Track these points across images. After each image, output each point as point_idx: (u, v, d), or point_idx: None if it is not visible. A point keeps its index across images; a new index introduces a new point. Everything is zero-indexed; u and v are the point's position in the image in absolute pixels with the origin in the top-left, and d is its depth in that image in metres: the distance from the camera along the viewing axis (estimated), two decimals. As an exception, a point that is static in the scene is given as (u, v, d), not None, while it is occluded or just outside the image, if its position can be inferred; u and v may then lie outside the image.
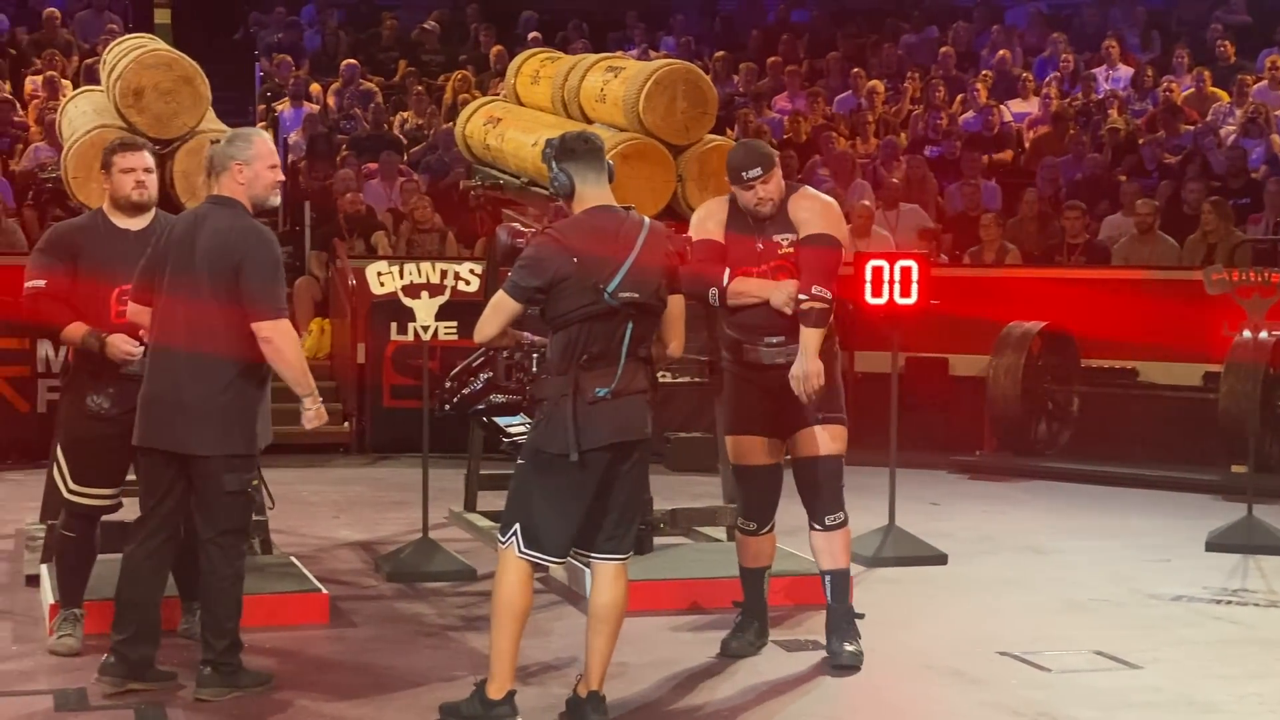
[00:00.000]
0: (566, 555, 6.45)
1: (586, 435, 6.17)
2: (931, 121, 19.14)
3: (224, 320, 6.63)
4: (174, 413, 6.62)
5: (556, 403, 6.21)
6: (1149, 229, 15.06)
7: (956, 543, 10.21)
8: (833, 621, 7.45)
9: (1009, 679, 7.23)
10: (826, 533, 7.42)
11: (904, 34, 22.30)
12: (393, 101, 19.97)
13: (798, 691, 7.03)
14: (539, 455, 6.29)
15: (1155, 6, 22.47)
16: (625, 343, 6.22)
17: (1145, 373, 14.04)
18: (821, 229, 7.21)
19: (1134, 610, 8.68)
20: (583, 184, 6.33)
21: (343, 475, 13.35)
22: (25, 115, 17.89)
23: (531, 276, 6.21)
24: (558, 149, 6.36)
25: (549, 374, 6.31)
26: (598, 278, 6.16)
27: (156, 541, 6.77)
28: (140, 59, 8.69)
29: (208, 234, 6.69)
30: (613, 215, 6.33)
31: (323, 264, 15.91)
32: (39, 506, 9.15)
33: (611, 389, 6.19)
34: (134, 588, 6.76)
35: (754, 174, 7.21)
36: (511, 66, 11.00)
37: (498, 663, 6.31)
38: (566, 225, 6.33)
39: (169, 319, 6.65)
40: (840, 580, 7.46)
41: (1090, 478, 13.11)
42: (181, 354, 6.62)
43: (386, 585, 9.03)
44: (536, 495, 6.29)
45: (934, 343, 14.03)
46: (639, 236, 6.26)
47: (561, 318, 6.21)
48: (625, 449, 6.29)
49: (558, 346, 6.26)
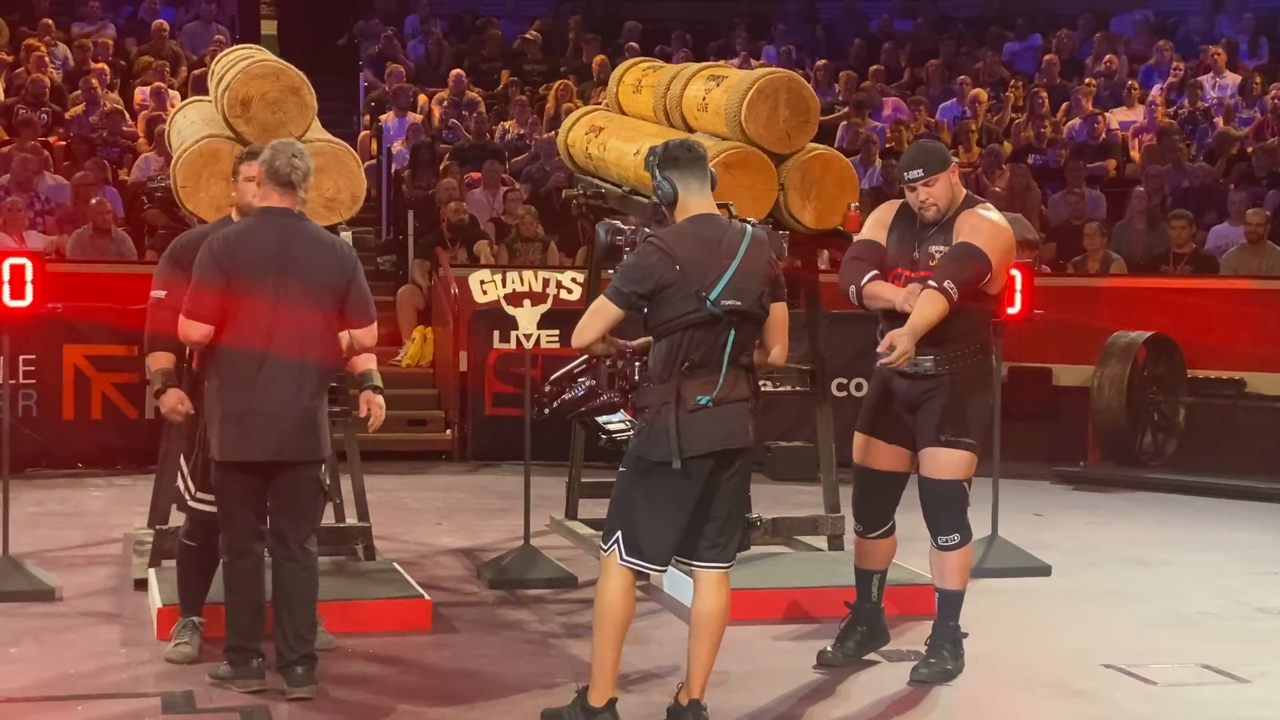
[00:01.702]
0: (668, 563, 6.45)
1: (688, 443, 6.17)
2: (1035, 130, 19.01)
3: (327, 328, 6.89)
4: (289, 423, 6.78)
5: (658, 410, 6.23)
6: (1259, 239, 14.89)
7: (1060, 554, 10.12)
8: (935, 638, 7.41)
9: (1114, 692, 7.17)
10: (938, 552, 7.40)
11: (1007, 41, 22.16)
12: (495, 111, 20.08)
13: (900, 703, 6.99)
14: (641, 463, 6.30)
15: (1264, 12, 22.18)
16: (727, 350, 6.23)
17: (1253, 383, 13.87)
18: (973, 241, 7.08)
19: (1242, 624, 8.58)
20: (686, 192, 6.35)
21: (445, 482, 13.42)
22: (135, 125, 18.15)
23: (635, 283, 6.23)
24: (661, 157, 6.38)
25: (651, 381, 6.31)
26: (700, 285, 6.17)
27: (259, 544, 6.95)
28: (248, 69, 8.79)
29: (311, 246, 6.86)
30: (716, 223, 6.35)
31: (426, 273, 16.00)
32: (147, 511, 9.26)
33: (713, 397, 6.20)
34: (249, 588, 6.93)
35: (914, 175, 7.15)
36: (613, 75, 11.04)
37: (599, 670, 6.33)
38: (671, 233, 6.34)
39: (277, 331, 6.75)
40: (945, 600, 7.40)
41: (1196, 489, 12.96)
42: (294, 364, 6.78)
43: (488, 592, 9.07)
44: (638, 502, 6.31)
45: (1038, 352, 13.94)
46: (741, 244, 6.27)
47: (664, 325, 6.23)
48: (727, 457, 6.30)
49: (660, 354, 6.27)
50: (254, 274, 6.76)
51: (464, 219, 16.24)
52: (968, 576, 7.47)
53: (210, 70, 10.21)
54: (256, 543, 6.95)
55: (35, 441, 12.96)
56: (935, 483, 7.28)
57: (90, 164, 16.36)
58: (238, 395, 6.77)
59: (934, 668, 7.29)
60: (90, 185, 15.72)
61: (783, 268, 6.59)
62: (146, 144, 17.30)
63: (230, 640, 6.93)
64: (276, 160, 6.85)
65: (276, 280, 6.76)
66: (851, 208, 9.13)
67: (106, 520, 10.97)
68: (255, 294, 6.76)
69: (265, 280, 6.77)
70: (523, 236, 15.93)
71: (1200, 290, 14.63)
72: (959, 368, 7.20)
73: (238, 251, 6.79)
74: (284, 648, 6.87)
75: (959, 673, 7.31)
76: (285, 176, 6.84)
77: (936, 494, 7.29)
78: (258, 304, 6.76)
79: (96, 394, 13.50)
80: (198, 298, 6.79)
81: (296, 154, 6.91)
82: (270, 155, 6.89)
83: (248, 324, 6.76)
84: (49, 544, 10.07)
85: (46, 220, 15.57)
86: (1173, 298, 14.51)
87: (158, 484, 9.03)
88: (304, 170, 6.89)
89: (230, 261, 6.78)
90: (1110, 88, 20.18)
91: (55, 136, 17.50)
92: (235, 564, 6.92)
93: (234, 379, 6.77)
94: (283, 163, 6.84)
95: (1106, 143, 18.82)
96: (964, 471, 7.29)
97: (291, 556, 6.89)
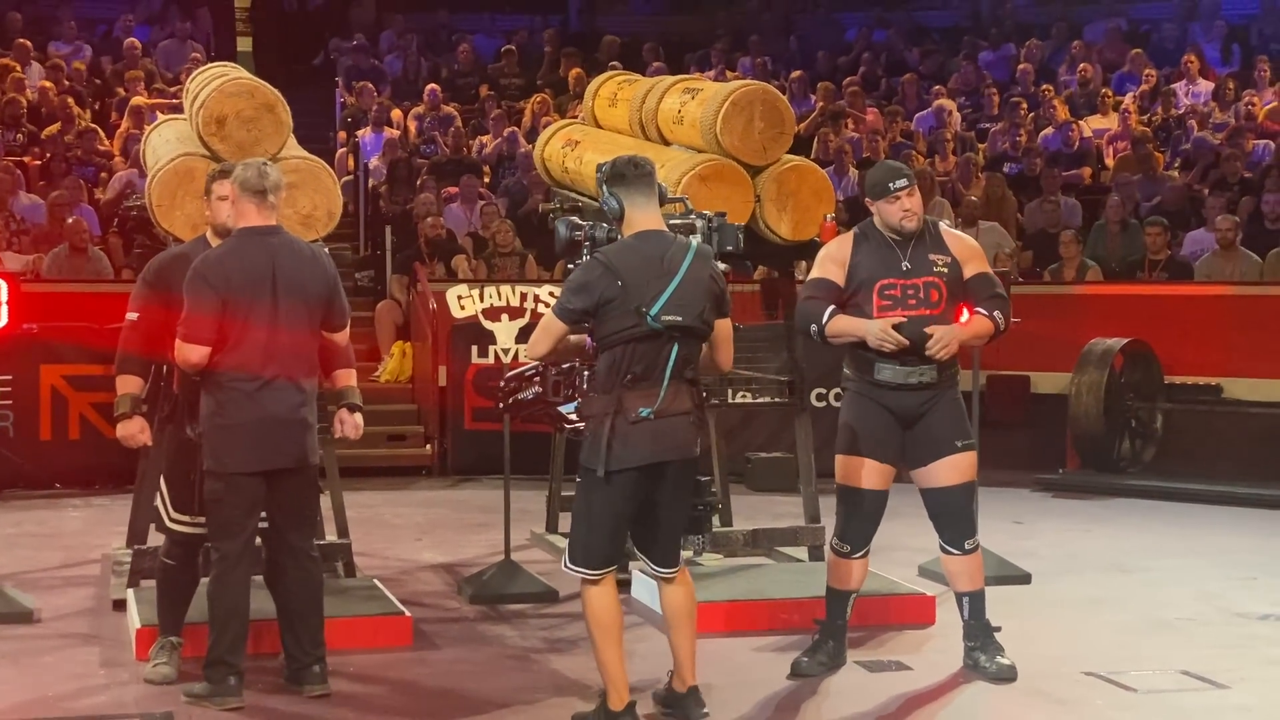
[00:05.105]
0: (605, 570, 6.50)
1: (622, 454, 6.32)
2: (1011, 139, 19.07)
3: (315, 340, 7.06)
4: (293, 430, 6.92)
5: (600, 420, 6.36)
6: (1231, 244, 14.95)
7: (1040, 561, 10.15)
8: (981, 639, 7.54)
9: (1094, 699, 7.18)
10: (965, 556, 7.50)
11: (981, 51, 22.23)
12: (471, 125, 20.09)
13: (883, 714, 6.99)
14: (583, 471, 6.46)
15: (1235, 20, 22.29)
16: (670, 364, 6.38)
17: (1229, 389, 13.91)
18: (985, 268, 7.41)
19: (1221, 629, 8.59)
20: (632, 207, 6.48)
21: (425, 498, 13.41)
22: (110, 144, 18.12)
23: (578, 297, 6.37)
24: (609, 173, 6.53)
25: (595, 392, 6.44)
26: (641, 301, 6.30)
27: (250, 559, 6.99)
28: (222, 87, 8.79)
29: (296, 261, 6.96)
30: (661, 239, 6.48)
31: (404, 288, 16.00)
32: (125, 531, 9.25)
33: (655, 409, 6.34)
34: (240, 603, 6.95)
35: (901, 184, 7.29)
36: (589, 89, 11.07)
37: (608, 676, 6.48)
38: (615, 249, 6.49)
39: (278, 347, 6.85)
40: (979, 600, 7.58)
41: (1174, 495, 12.99)
42: (294, 378, 6.91)
43: (469, 607, 9.06)
44: (581, 511, 6.51)
45: (1016, 360, 13.98)
46: (684, 260, 6.40)
47: (607, 338, 6.36)
48: (666, 469, 6.43)
49: (603, 366, 6.41)
50: (248, 294, 6.82)
51: (441, 234, 16.24)
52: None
53: (185, 88, 10.20)
54: (250, 556, 6.97)
55: (12, 462, 12.95)
56: (955, 488, 7.42)
57: (66, 183, 16.33)
58: (241, 409, 6.82)
59: (1009, 659, 7.48)
60: (66, 205, 15.70)
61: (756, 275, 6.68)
62: (122, 162, 17.28)
63: (213, 655, 6.91)
64: (247, 173, 6.95)
65: (272, 299, 6.84)
66: (828, 219, 9.17)
67: (85, 541, 10.94)
68: (252, 314, 6.82)
69: (261, 300, 6.83)
70: (500, 251, 15.93)
71: (1175, 297, 14.69)
72: (948, 375, 7.38)
73: (232, 273, 6.84)
74: (299, 652, 7.05)
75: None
76: (258, 185, 6.91)
77: (957, 499, 7.45)
78: (255, 324, 6.82)
79: (74, 414, 13.47)
80: (193, 321, 6.81)
81: (265, 164, 7.06)
82: (241, 170, 7.00)
83: (247, 343, 6.81)
84: (27, 565, 10.04)
85: (22, 240, 15.54)
86: (1148, 304, 14.57)
87: (136, 504, 9.02)
88: (275, 180, 6.98)
89: (224, 283, 6.81)
90: (1085, 95, 20.25)
91: (30, 156, 17.47)
92: (229, 576, 6.90)
93: (235, 396, 6.82)
94: (253, 174, 6.94)
95: (1081, 150, 18.89)
96: (975, 472, 7.53)
97: (300, 564, 7.05)
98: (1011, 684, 7.34)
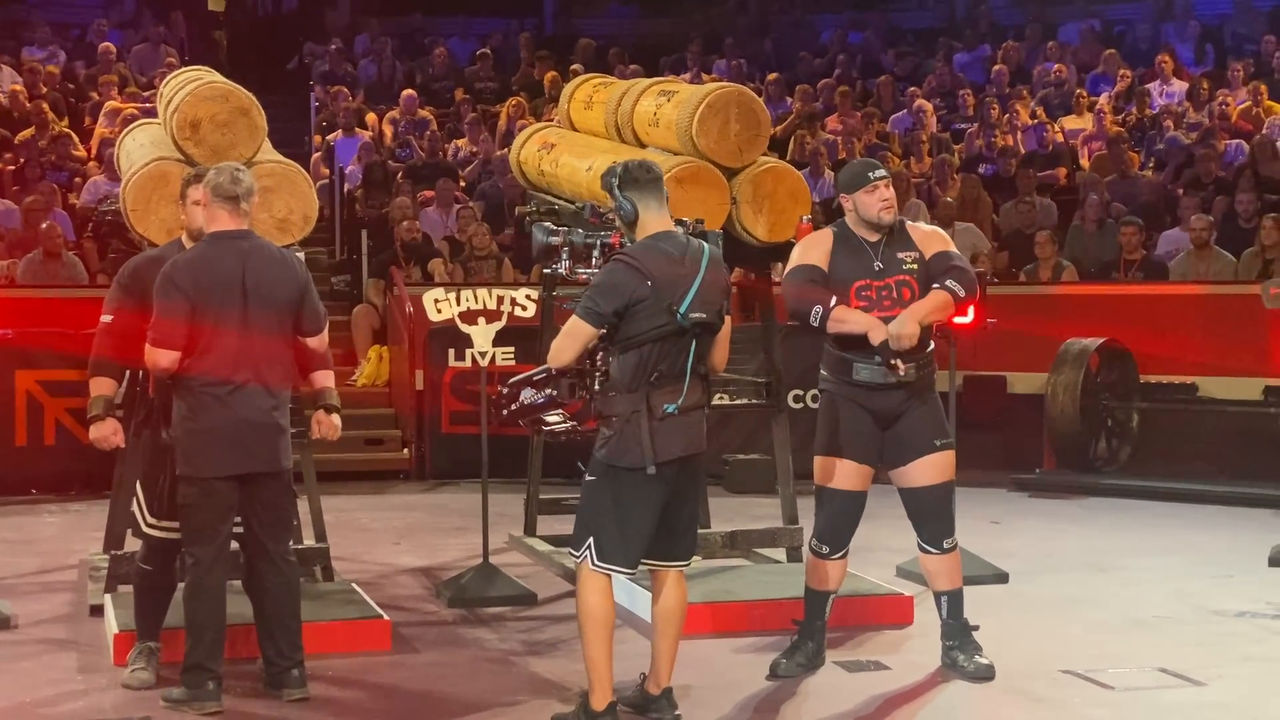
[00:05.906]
0: (636, 566, 6.61)
1: (660, 449, 6.39)
2: (986, 139, 19.11)
3: (287, 344, 7.04)
4: (266, 435, 6.91)
5: (629, 419, 6.40)
6: (1205, 244, 15.00)
7: (1018, 561, 10.16)
8: (960, 639, 7.56)
9: (1073, 698, 7.19)
10: (944, 555, 7.53)
11: (957, 53, 22.27)
12: (447, 129, 20.07)
13: (862, 714, 7.00)
14: (610, 470, 6.46)
15: (1209, 20, 22.37)
16: (690, 361, 6.45)
17: (1204, 388, 13.95)
18: (951, 250, 7.46)
19: (1198, 627, 8.62)
20: (645, 210, 6.54)
21: (403, 501, 13.39)
22: (84, 149, 18.07)
23: (609, 301, 6.38)
24: (622, 177, 6.56)
25: (617, 391, 6.45)
26: (670, 299, 6.36)
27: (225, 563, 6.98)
28: (197, 91, 8.78)
29: (266, 265, 6.95)
30: (676, 239, 6.56)
31: (380, 292, 15.98)
32: (102, 537, 9.22)
33: (679, 405, 6.42)
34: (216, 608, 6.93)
35: (880, 174, 7.37)
36: (565, 92, 11.06)
37: (594, 674, 6.50)
38: (639, 249, 6.50)
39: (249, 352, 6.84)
40: (958, 599, 7.60)
41: (1151, 494, 13.03)
42: (265, 383, 6.89)
43: (448, 611, 9.05)
44: (609, 509, 6.48)
45: (992, 361, 14.02)
46: (702, 259, 6.50)
47: (634, 338, 6.39)
48: (690, 461, 6.54)
49: (628, 366, 6.43)
50: (217, 299, 6.81)
51: (417, 237, 16.22)
52: None
53: (159, 93, 10.18)
54: (225, 561, 6.96)
55: (-12, 469, 12.90)
56: (935, 487, 7.45)
57: (40, 188, 16.28)
58: (212, 414, 6.81)
59: (987, 659, 7.48)
60: (40, 210, 15.65)
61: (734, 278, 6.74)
62: (95, 167, 17.23)
63: (190, 660, 6.89)
64: (220, 177, 6.95)
65: (242, 304, 6.84)
66: (804, 220, 9.17)
67: (61, 546, 10.90)
68: (222, 319, 6.81)
69: (231, 305, 6.83)
70: (477, 254, 15.92)
71: (1151, 296, 14.73)
72: (926, 374, 7.39)
73: (200, 278, 6.83)
74: (277, 656, 7.03)
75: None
76: (231, 191, 6.91)
77: (937, 498, 7.47)
78: (225, 328, 6.81)
79: (49, 419, 13.43)
80: (164, 325, 6.80)
81: (238, 169, 7.06)
82: (213, 174, 7.00)
83: (217, 348, 6.80)
84: (3, 571, 10.00)
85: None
86: (1124, 304, 14.62)
87: (113, 509, 9.00)
88: (247, 185, 6.99)
89: (194, 288, 6.81)
90: (1059, 96, 20.31)
91: (4, 161, 17.41)
92: (204, 581, 6.88)
93: (207, 400, 6.81)
94: (226, 179, 6.94)
95: (1056, 151, 18.93)
96: (954, 472, 7.54)
97: (277, 569, 7.04)
98: (990, 683, 7.36)
